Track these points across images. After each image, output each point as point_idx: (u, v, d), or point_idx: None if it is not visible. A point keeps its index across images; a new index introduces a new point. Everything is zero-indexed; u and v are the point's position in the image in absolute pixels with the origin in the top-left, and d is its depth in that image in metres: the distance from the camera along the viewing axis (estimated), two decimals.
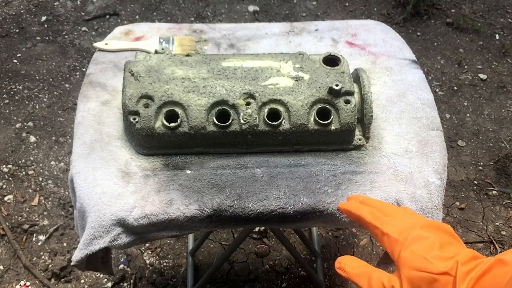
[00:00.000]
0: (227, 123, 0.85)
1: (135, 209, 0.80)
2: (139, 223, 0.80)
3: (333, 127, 0.87)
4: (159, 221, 0.81)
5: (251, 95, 0.87)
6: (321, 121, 0.86)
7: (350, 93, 0.88)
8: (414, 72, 1.06)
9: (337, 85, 0.86)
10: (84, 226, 0.82)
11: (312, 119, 0.87)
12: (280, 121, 0.86)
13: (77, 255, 0.80)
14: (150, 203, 0.81)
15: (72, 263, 0.83)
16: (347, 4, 2.67)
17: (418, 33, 2.52)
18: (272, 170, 0.87)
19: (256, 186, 0.84)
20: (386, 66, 1.07)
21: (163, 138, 0.86)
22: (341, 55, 0.94)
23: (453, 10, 2.66)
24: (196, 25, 1.16)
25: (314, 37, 1.14)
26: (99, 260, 0.87)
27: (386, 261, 1.00)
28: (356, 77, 0.91)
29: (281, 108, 0.87)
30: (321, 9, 2.64)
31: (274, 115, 0.86)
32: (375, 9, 2.64)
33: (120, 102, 0.92)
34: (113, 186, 0.83)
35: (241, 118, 0.85)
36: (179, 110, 0.85)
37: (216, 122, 0.85)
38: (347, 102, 0.87)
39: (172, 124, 0.85)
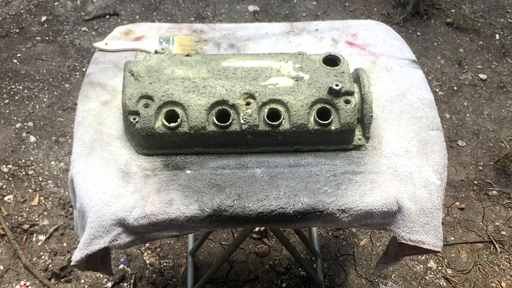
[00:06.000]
0: (227, 123, 0.85)
1: (135, 209, 0.80)
2: (139, 223, 0.80)
3: (333, 127, 0.87)
4: (159, 221, 0.81)
5: (251, 95, 0.87)
6: (321, 121, 0.86)
7: (350, 93, 0.88)
8: (414, 72, 1.06)
9: (337, 85, 0.86)
10: (84, 226, 0.82)
11: (312, 119, 0.87)
12: (280, 121, 0.86)
13: (77, 255, 0.80)
14: (150, 203, 0.81)
15: (72, 263, 0.83)
16: (347, 4, 2.67)
17: (418, 33, 2.52)
18: (272, 170, 0.87)
19: (256, 186, 0.84)
20: (386, 66, 1.07)
21: (163, 138, 0.86)
22: (341, 55, 0.94)
23: (453, 10, 2.66)
24: (196, 25, 1.16)
25: (314, 37, 1.14)
26: (98, 260, 0.87)
27: (385, 261, 1.00)
28: (356, 77, 0.92)
29: (281, 108, 0.87)
30: (321, 9, 2.64)
31: (274, 115, 0.86)
32: (375, 9, 2.64)
33: (120, 102, 0.92)
34: (113, 186, 0.83)
35: (241, 118, 0.85)
36: (179, 110, 0.85)
37: (216, 122, 0.85)
38: (347, 102, 0.87)
39: (172, 124, 0.85)
